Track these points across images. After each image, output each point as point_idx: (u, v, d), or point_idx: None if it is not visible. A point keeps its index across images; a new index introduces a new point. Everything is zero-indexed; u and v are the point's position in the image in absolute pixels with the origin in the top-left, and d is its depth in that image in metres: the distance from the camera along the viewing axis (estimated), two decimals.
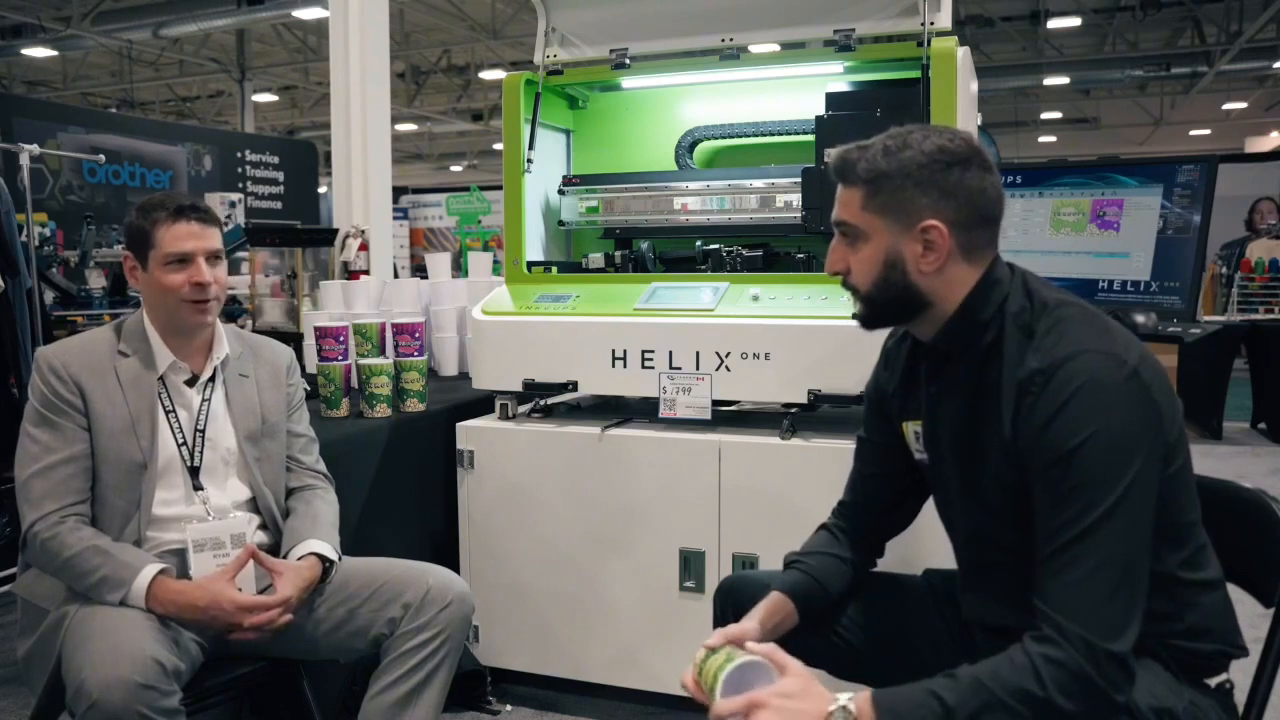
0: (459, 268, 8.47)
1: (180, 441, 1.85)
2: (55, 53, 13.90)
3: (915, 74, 2.36)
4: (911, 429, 1.55)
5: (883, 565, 1.69)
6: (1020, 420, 1.31)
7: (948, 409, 1.46)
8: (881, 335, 1.63)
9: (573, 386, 2.50)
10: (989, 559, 1.46)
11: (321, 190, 13.76)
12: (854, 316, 1.48)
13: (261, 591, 1.78)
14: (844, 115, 2.45)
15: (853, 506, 1.67)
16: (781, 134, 2.73)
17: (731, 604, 1.63)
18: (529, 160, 2.69)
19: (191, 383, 1.90)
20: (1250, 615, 1.44)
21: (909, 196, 1.36)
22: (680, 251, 2.78)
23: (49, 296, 5.64)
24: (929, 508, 1.61)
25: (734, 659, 1.33)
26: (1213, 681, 1.39)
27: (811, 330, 2.26)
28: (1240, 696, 1.41)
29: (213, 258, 1.84)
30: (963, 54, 2.32)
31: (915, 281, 1.38)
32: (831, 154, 1.45)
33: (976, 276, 1.39)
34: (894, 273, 1.38)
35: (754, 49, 2.57)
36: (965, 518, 1.48)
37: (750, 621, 1.49)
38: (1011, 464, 1.34)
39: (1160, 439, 1.28)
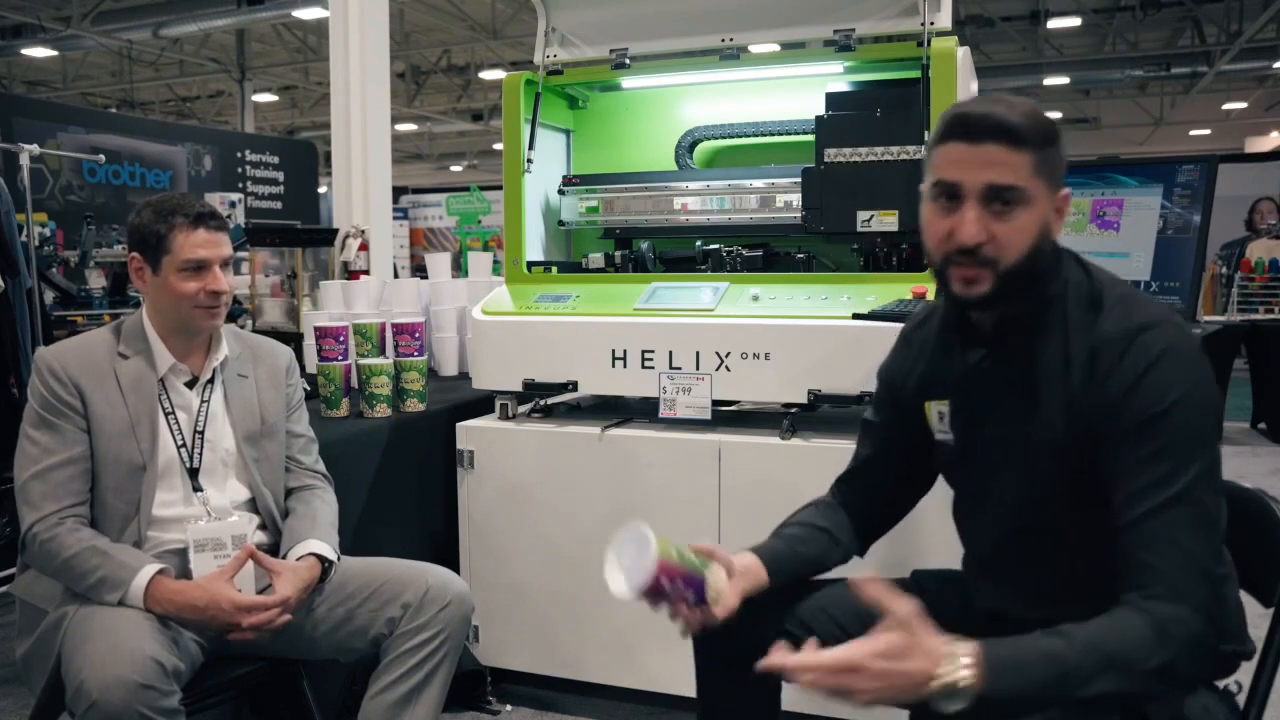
0: (459, 268, 8.46)
1: (179, 443, 1.85)
2: (55, 53, 13.89)
3: (915, 74, 2.36)
4: (935, 409, 1.51)
5: (871, 568, 1.68)
6: (1094, 385, 1.29)
7: (997, 385, 1.40)
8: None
9: (573, 386, 2.50)
10: (1025, 541, 1.42)
11: (321, 190, 13.75)
12: (963, 300, 1.35)
13: (261, 592, 1.78)
14: (844, 115, 2.45)
15: (849, 484, 1.65)
16: (781, 134, 2.73)
17: None
18: (529, 160, 2.69)
19: (190, 384, 1.90)
20: (1250, 615, 1.44)
21: (1059, 162, 1.33)
22: (680, 251, 2.78)
23: (49, 296, 5.63)
24: (921, 510, 1.61)
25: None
26: (1221, 684, 1.38)
27: (811, 330, 2.26)
28: (1239, 696, 1.41)
29: (225, 264, 1.86)
30: (963, 54, 2.32)
31: (1050, 251, 1.35)
32: (973, 111, 1.31)
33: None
34: (1045, 241, 1.33)
35: (754, 49, 2.57)
36: (998, 497, 1.43)
37: (726, 553, 1.49)
38: (1071, 432, 1.31)
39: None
